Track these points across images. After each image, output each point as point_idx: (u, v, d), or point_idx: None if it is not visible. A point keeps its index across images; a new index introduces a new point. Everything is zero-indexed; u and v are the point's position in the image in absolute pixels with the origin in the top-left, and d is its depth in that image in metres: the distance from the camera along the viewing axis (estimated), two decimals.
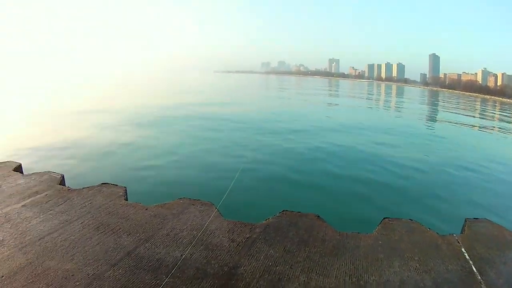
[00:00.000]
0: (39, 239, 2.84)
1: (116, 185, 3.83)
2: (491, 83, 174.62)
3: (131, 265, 2.50)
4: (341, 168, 9.29)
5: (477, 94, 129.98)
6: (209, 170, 8.00)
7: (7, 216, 3.21)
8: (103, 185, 3.84)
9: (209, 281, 2.39)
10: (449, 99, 72.97)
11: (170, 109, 20.26)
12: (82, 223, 3.07)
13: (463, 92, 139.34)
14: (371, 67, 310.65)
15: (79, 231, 2.94)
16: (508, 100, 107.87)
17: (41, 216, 3.23)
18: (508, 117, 41.88)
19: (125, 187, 3.74)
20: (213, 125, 15.75)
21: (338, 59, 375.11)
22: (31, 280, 2.36)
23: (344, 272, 2.71)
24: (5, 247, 2.72)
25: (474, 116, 35.36)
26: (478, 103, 72.18)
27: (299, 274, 2.60)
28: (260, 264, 2.64)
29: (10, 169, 4.43)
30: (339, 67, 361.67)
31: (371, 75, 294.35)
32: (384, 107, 28.59)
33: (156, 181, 6.98)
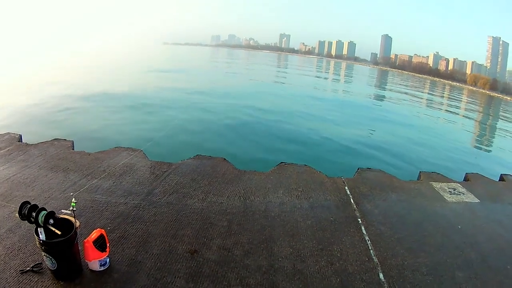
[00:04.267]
0: (7, 179, 3.80)
1: (65, 139, 4.78)
2: (442, 67, 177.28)
3: (76, 190, 3.57)
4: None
5: (426, 76, 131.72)
6: (147, 127, 9.26)
7: None
8: (55, 140, 4.78)
9: (133, 197, 3.55)
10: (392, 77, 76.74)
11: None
12: (39, 166, 4.05)
13: (413, 74, 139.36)
14: (321, 44, 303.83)
15: (37, 171, 3.94)
16: (458, 84, 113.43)
17: (6, 164, 4.16)
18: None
19: (72, 140, 4.71)
20: None
21: (289, 35, 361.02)
22: (3, 205, 3.37)
23: (235, 194, 3.89)
24: None
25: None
26: (419, 82, 76.21)
27: (199, 194, 3.79)
28: (171, 187, 3.83)
29: None
30: (289, 43, 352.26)
31: (321, 52, 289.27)
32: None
33: (102, 135, 8.11)
